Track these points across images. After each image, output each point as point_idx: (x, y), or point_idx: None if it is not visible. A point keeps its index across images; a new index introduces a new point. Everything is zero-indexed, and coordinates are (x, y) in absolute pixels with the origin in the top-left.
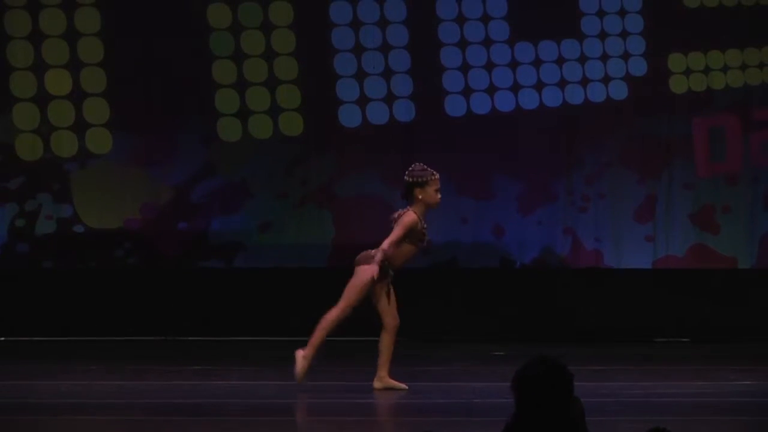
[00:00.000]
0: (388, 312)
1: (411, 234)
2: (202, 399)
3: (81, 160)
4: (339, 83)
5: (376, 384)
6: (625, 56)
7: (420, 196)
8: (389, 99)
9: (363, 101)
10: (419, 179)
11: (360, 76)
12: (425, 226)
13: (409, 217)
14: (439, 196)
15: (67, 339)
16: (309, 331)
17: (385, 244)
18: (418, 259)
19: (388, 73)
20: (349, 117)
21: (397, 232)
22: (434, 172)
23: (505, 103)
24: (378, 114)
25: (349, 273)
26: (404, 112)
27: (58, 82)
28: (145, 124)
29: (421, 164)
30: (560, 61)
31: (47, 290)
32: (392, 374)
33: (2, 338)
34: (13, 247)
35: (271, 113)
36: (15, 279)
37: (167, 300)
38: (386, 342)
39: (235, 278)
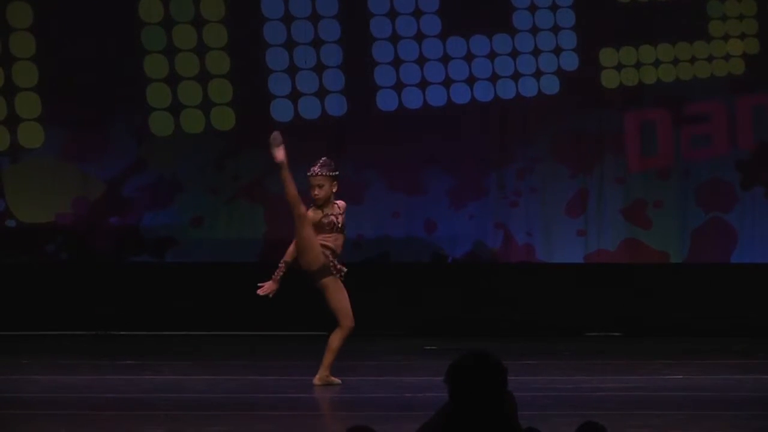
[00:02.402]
0: (345, 313)
1: (317, 227)
2: (133, 394)
3: (13, 155)
4: (271, 78)
5: (317, 380)
6: (557, 51)
7: None
8: (321, 93)
9: (295, 96)
10: None
11: (292, 70)
12: (330, 214)
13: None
14: (314, 192)
15: (59, 333)
16: (240, 326)
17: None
18: (349, 253)
19: (320, 68)
20: (281, 111)
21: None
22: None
23: (436, 97)
24: (310, 108)
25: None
26: (336, 106)
27: None
28: (77, 118)
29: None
30: (492, 55)
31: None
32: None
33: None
34: None
35: (203, 108)
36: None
37: (99, 295)
38: (337, 342)
39: (166, 273)
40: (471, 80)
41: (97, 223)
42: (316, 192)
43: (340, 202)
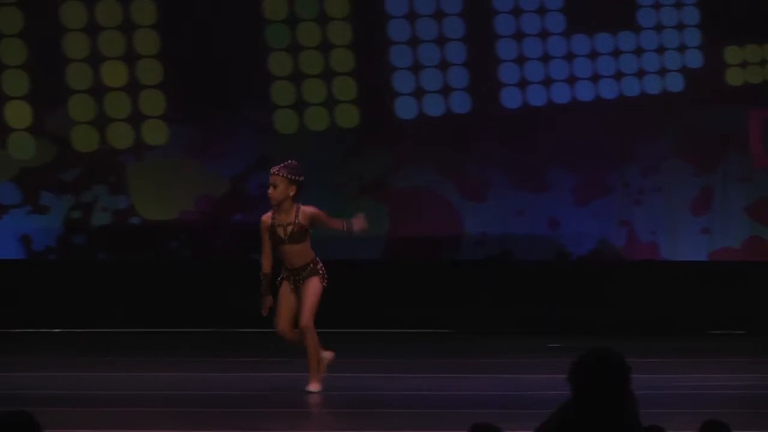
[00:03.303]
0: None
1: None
2: (262, 391)
3: (137, 152)
4: (395, 75)
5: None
6: (681, 48)
7: None
8: (445, 91)
9: (419, 93)
10: None
11: (416, 67)
12: (279, 225)
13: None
14: (268, 191)
15: (121, 330)
16: (361, 323)
17: None
18: (472, 251)
19: (444, 65)
20: (405, 109)
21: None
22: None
23: (561, 95)
24: (434, 106)
25: (406, 266)
26: (460, 104)
27: (115, 74)
28: (201, 116)
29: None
30: (617, 53)
31: (102, 281)
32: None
33: (57, 329)
34: (69, 239)
35: (327, 105)
36: (70, 270)
37: (221, 292)
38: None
39: None
40: (595, 78)
41: (220, 221)
42: (270, 191)
43: (307, 209)
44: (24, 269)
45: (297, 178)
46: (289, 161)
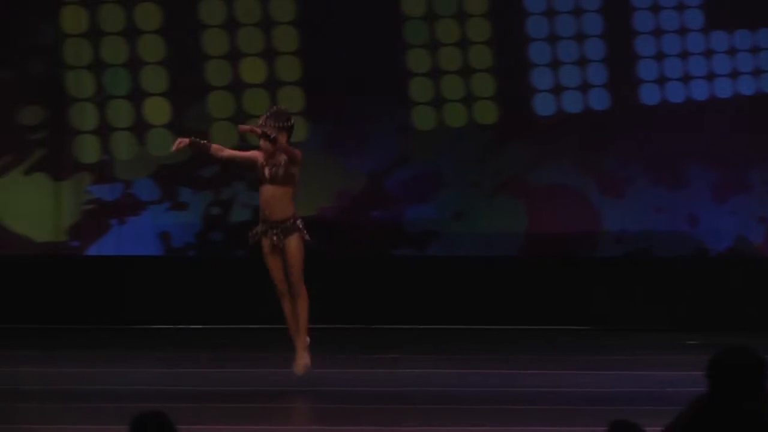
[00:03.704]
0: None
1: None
2: (392, 387)
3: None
4: (534, 72)
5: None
6: None
7: None
8: (584, 87)
9: (558, 90)
10: None
11: (555, 64)
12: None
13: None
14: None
15: (258, 327)
16: (498, 320)
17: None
18: (611, 247)
19: (582, 62)
20: (543, 105)
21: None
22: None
23: (699, 91)
24: (573, 102)
25: (543, 264)
26: (598, 100)
27: (253, 70)
28: (339, 112)
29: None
30: (755, 50)
31: (240, 278)
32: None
33: (196, 326)
34: (208, 235)
35: (466, 102)
36: (209, 267)
37: (361, 288)
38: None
39: (428, 266)
40: (734, 74)
41: (359, 217)
42: (261, 143)
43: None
44: (163, 265)
45: (284, 124)
46: (275, 107)
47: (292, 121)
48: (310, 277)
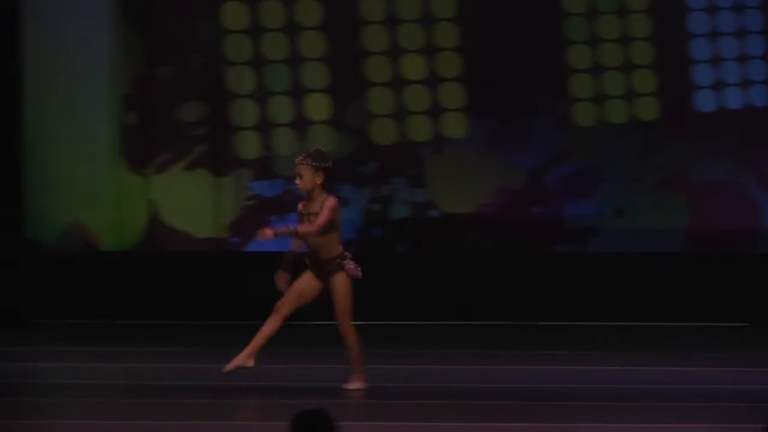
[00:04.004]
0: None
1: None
2: (555, 384)
3: (436, 145)
4: (695, 68)
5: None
6: None
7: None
8: (744, 84)
9: (719, 86)
10: None
11: (716, 60)
12: (307, 212)
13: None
14: (295, 181)
15: (419, 323)
16: (659, 317)
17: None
18: None
19: (743, 58)
20: (704, 102)
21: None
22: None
23: None
24: (733, 99)
25: (704, 260)
26: (760, 96)
27: (414, 67)
28: (500, 109)
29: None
30: None
31: (401, 274)
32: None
33: (359, 322)
34: (368, 231)
35: (627, 98)
36: (370, 263)
37: (520, 285)
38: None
39: (588, 263)
40: None
41: (519, 214)
42: (297, 181)
43: (329, 200)
44: None
45: (322, 164)
46: (314, 149)
47: (330, 163)
48: (473, 273)
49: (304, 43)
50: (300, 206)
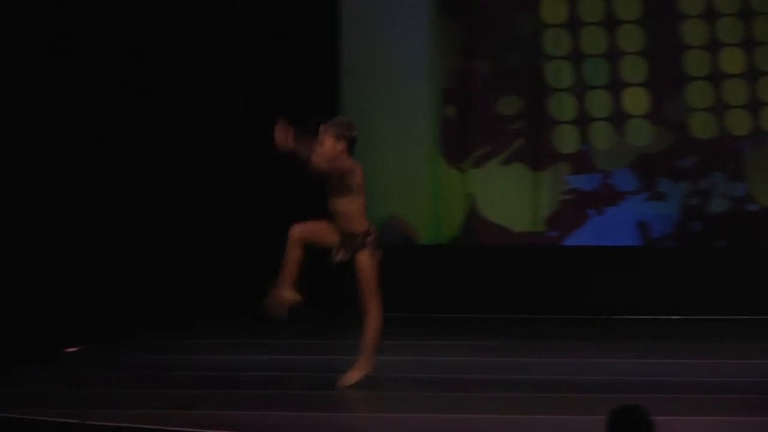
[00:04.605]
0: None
1: None
2: None
3: (755, 139)
4: None
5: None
6: None
7: None
8: None
9: None
10: None
11: None
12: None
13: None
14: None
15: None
16: None
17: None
18: None
19: None
20: None
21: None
22: None
23: None
24: None
25: None
26: None
27: (733, 61)
28: None
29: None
30: None
31: (720, 268)
32: None
33: (674, 317)
34: (687, 225)
35: None
36: (688, 257)
37: None
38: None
39: None
40: None
41: None
42: (318, 149)
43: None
44: (639, 256)
45: (344, 132)
46: (339, 118)
47: (354, 133)
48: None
49: (622, 37)
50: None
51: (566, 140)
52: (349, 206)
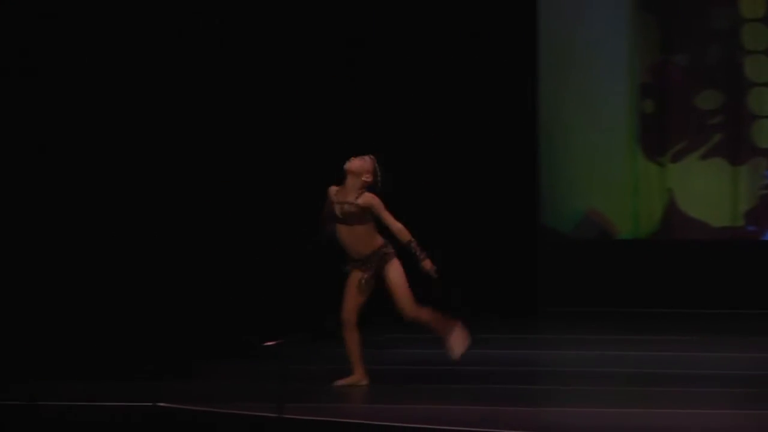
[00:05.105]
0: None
1: None
2: None
3: None
4: None
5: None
6: None
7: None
8: None
9: None
10: None
11: None
12: (339, 201)
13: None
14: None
15: None
16: None
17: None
18: None
19: None
20: None
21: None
22: None
23: None
24: None
25: None
26: None
27: None
28: None
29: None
30: None
31: None
32: None
33: None
34: None
35: None
36: None
37: None
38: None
39: None
40: None
41: None
42: (352, 159)
43: (368, 195)
44: None
45: (379, 176)
46: (367, 156)
47: (378, 183)
48: None
49: (746, 35)
50: (332, 192)
51: (765, 135)
52: (359, 231)
